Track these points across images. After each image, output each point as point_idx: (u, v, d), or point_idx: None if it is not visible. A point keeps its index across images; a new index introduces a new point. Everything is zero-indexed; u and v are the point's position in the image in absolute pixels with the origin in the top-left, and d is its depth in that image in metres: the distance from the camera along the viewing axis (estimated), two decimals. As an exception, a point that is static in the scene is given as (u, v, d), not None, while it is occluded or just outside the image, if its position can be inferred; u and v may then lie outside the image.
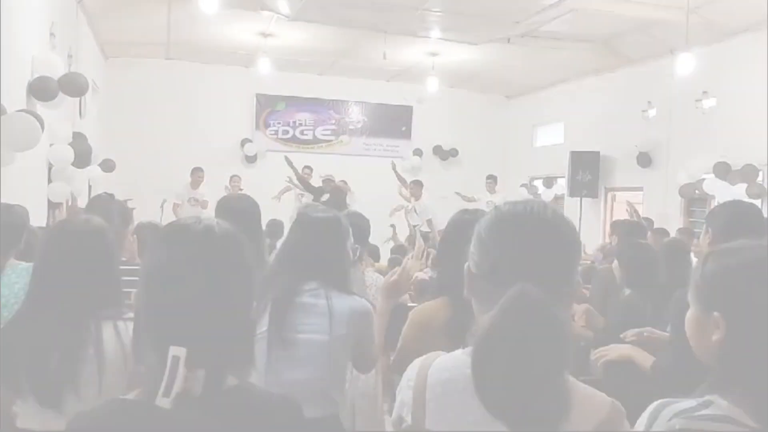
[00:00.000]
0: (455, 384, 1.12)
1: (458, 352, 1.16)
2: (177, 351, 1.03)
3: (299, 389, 2.03)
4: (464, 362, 1.10)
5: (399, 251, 7.01)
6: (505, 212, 1.21)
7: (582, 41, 9.71)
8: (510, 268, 1.13)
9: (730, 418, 1.15)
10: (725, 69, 8.43)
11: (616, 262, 3.53)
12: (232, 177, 10.72)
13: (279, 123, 12.70)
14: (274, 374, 2.03)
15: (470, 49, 10.17)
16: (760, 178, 7.83)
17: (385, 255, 7.13)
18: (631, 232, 4.46)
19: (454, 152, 13.33)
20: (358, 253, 3.11)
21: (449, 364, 1.17)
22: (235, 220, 2.80)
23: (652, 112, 9.81)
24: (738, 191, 7.91)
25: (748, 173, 7.84)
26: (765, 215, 5.85)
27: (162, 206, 9.46)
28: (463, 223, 2.15)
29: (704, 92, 8.73)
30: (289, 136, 12.76)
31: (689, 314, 1.30)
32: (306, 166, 10.63)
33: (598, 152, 10.63)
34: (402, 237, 9.67)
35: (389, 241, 8.96)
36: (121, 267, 1.96)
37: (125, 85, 11.21)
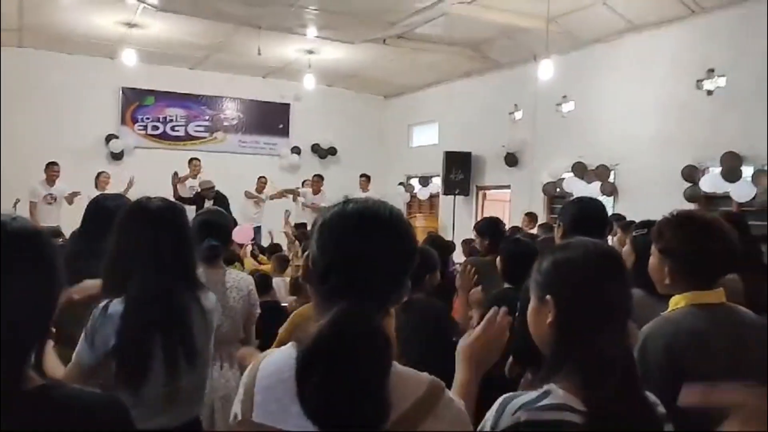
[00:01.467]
0: (280, 376, 1.11)
1: (289, 346, 1.15)
2: None
3: (191, 392, 2.00)
4: (292, 356, 1.09)
5: (276, 250, 6.92)
6: (347, 211, 1.18)
7: (453, 45, 10.08)
8: (345, 270, 1.12)
9: (567, 405, 1.25)
10: (582, 75, 9.08)
11: (498, 257, 3.65)
12: (100, 173, 9.93)
13: (148, 118, 12.09)
14: (174, 381, 1.94)
15: (347, 49, 10.24)
16: (611, 178, 8.51)
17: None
18: (488, 228, 4.68)
19: (332, 150, 13.36)
20: (217, 252, 3.01)
21: (279, 357, 1.15)
22: (108, 220, 2.53)
23: (518, 115, 10.37)
24: (593, 189, 8.57)
25: (601, 173, 8.50)
26: (611, 210, 6.38)
27: (15, 206, 8.70)
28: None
29: (564, 97, 9.37)
30: (159, 132, 12.18)
31: (530, 306, 1.42)
32: (194, 158, 10.51)
33: (470, 152, 11.07)
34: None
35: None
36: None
37: (-30, 73, 10.18)
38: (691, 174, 7.37)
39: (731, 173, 6.88)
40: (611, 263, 1.39)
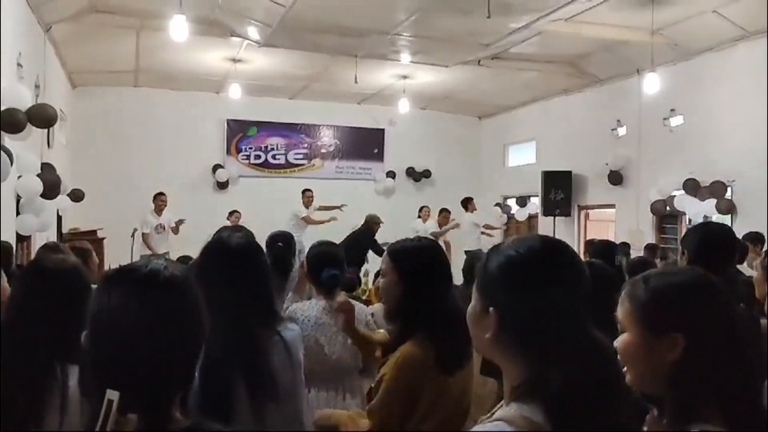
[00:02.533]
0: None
1: (514, 410, 1.09)
2: (111, 395, 1.03)
3: (282, 429, 1.96)
4: (535, 422, 1.06)
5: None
6: (537, 252, 1.17)
7: (550, 62, 9.88)
8: (557, 310, 1.11)
9: None
10: (691, 87, 8.63)
11: None
12: (233, 212, 10.56)
13: (251, 148, 12.61)
14: (260, 419, 1.91)
15: (441, 72, 10.27)
16: (728, 194, 7.99)
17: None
18: (602, 252, 4.47)
19: (427, 173, 13.38)
20: (337, 281, 3.05)
21: (514, 415, 1.09)
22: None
23: (621, 131, 9.99)
24: (707, 207, 8.08)
25: (716, 189, 8.00)
26: (734, 232, 5.98)
27: (133, 235, 9.28)
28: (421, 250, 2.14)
29: (671, 110, 8.93)
30: (261, 161, 12.67)
31: (629, 340, 1.28)
32: (307, 189, 10.80)
33: (570, 171, 10.76)
34: None
35: None
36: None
37: (93, 113, 11.04)
38: (821, 188, 6.80)
39: None
40: (716, 287, 1.28)
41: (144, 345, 1.09)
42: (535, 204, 11.63)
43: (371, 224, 9.78)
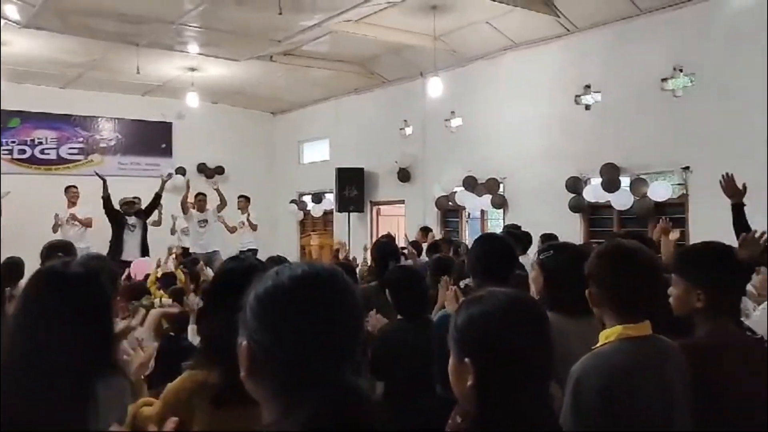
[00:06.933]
0: None
1: None
2: None
3: None
4: None
5: (171, 282, 6.33)
6: (291, 281, 1.03)
7: (341, 61, 10.07)
8: (307, 346, 1.00)
9: None
10: (468, 91, 9.34)
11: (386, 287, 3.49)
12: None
13: (14, 141, 11.11)
14: None
15: (232, 66, 9.94)
16: (501, 190, 8.80)
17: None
18: (389, 252, 4.63)
19: (220, 170, 12.89)
20: None
21: None
22: None
23: (408, 130, 10.51)
24: (484, 202, 8.82)
25: (491, 186, 8.77)
26: (503, 221, 6.52)
27: None
28: (231, 273, 1.97)
29: (452, 112, 9.60)
30: (26, 156, 11.23)
31: (450, 363, 1.33)
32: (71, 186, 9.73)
33: (363, 168, 11.07)
34: None
35: None
36: None
37: None
38: (575, 185, 7.76)
39: (610, 184, 7.31)
40: (528, 316, 1.32)
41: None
42: (330, 200, 11.79)
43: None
